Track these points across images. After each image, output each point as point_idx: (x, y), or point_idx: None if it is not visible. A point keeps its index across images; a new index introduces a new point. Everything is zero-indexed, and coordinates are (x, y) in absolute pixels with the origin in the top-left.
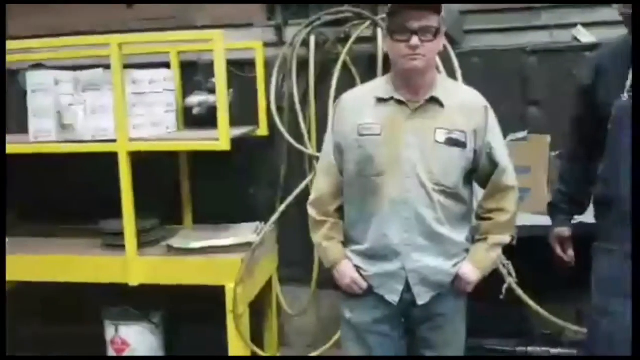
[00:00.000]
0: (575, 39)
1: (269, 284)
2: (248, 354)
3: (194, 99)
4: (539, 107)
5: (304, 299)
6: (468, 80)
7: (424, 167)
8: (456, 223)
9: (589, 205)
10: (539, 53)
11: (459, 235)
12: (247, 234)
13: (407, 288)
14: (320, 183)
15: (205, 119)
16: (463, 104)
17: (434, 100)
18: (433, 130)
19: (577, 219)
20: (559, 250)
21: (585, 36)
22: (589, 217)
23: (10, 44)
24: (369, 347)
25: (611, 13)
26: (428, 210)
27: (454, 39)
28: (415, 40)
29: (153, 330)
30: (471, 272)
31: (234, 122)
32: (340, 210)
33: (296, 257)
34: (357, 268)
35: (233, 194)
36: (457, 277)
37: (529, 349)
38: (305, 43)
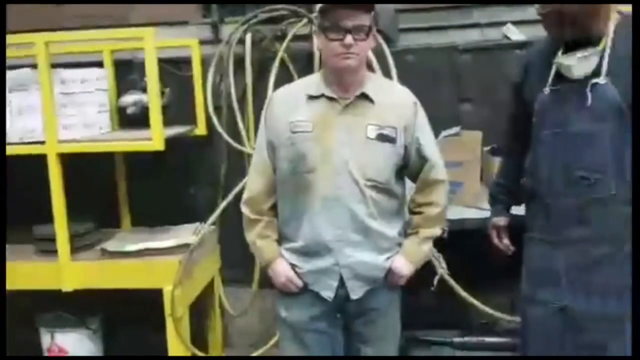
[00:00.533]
0: (506, 36)
1: (210, 285)
2: (188, 354)
3: (129, 99)
4: (472, 103)
5: (246, 299)
6: (403, 78)
7: (355, 163)
8: (389, 218)
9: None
10: (471, 51)
11: (392, 230)
12: (186, 235)
13: (341, 283)
14: (253, 181)
15: (140, 119)
16: (393, 101)
17: (365, 97)
18: (364, 126)
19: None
20: (495, 239)
21: (515, 34)
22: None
23: None
24: (305, 346)
25: None
26: (360, 206)
27: (389, 37)
28: (349, 39)
29: (91, 336)
30: (403, 265)
31: (171, 121)
32: (274, 208)
33: (238, 257)
34: (292, 266)
35: (172, 195)
36: (390, 271)
37: (466, 339)
38: (242, 41)
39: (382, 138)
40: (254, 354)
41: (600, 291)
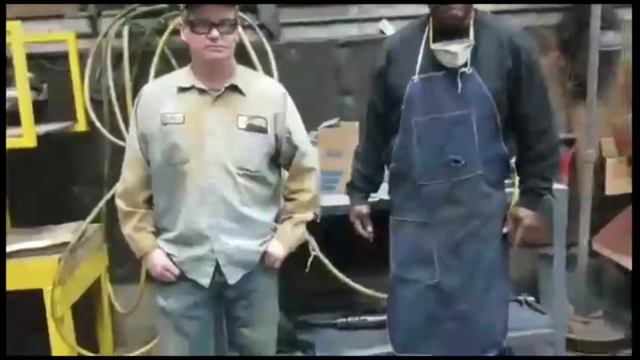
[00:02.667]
0: (381, 31)
1: (97, 283)
2: (73, 354)
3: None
4: (351, 96)
5: (137, 297)
6: (285, 72)
7: (227, 153)
8: (262, 205)
9: (382, 182)
10: (349, 45)
11: (266, 216)
12: (65, 234)
13: (218, 270)
14: (127, 174)
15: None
16: (263, 92)
17: (235, 89)
18: (235, 117)
19: (377, 195)
20: (359, 227)
21: (389, 29)
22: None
23: None
24: (185, 334)
25: (414, 8)
26: (233, 195)
27: (271, 32)
28: (215, 32)
29: None
30: (277, 249)
31: (51, 117)
32: (149, 200)
33: (128, 255)
34: (168, 255)
35: (55, 194)
36: (265, 255)
37: (349, 319)
38: (121, 34)
39: (253, 128)
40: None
41: (469, 266)
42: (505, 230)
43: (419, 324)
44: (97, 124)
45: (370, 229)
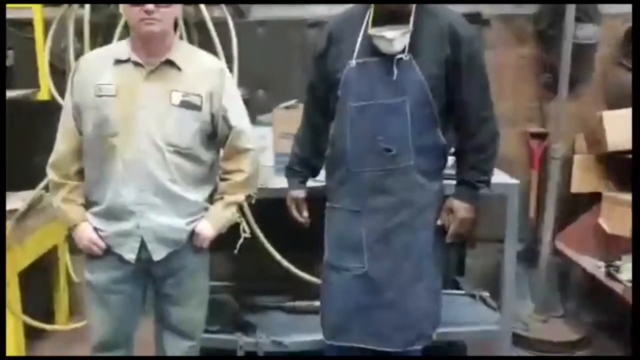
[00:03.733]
0: None
1: (54, 252)
2: (20, 326)
3: None
4: None
5: None
6: (252, 50)
7: (157, 128)
8: (193, 183)
9: (322, 167)
10: (318, 25)
11: (196, 195)
12: (17, 202)
13: (144, 246)
14: (60, 145)
15: None
16: (199, 68)
17: (171, 64)
18: (168, 92)
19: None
20: (294, 212)
21: None
22: None
23: None
24: (109, 308)
25: None
26: (161, 171)
27: (240, 10)
28: (150, 5)
29: None
30: (206, 229)
31: (16, 84)
32: (81, 172)
33: None
34: (96, 229)
35: (16, 162)
36: (194, 234)
37: (296, 303)
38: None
39: (186, 105)
40: None
41: (398, 255)
42: (439, 222)
43: (347, 312)
44: (54, 92)
45: (306, 214)
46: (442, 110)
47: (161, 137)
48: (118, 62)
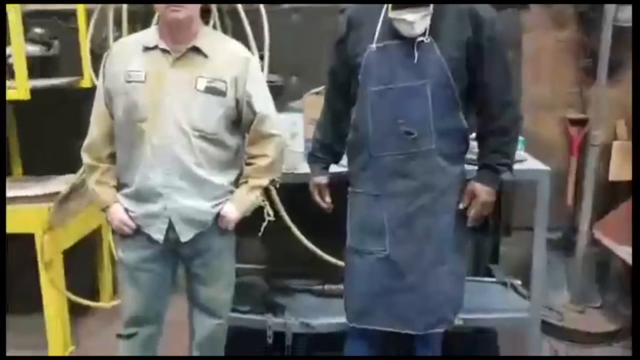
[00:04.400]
0: None
1: (98, 233)
2: (63, 301)
3: (9, 50)
4: None
5: None
6: (286, 38)
7: (184, 113)
8: (218, 167)
9: (344, 153)
10: None
11: (222, 179)
12: (60, 185)
13: (171, 227)
14: (93, 129)
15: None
16: (225, 55)
17: (197, 50)
18: (194, 78)
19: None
20: (317, 198)
21: None
22: None
23: None
24: (139, 285)
25: None
26: (188, 155)
27: None
28: None
29: None
30: (231, 211)
31: (61, 73)
32: (113, 155)
33: None
34: (126, 210)
35: (63, 146)
36: (219, 216)
37: (325, 286)
38: None
39: (211, 91)
40: None
41: (419, 239)
42: (461, 206)
43: (369, 295)
44: (95, 80)
45: (328, 199)
46: (463, 93)
47: (187, 122)
48: (146, 49)
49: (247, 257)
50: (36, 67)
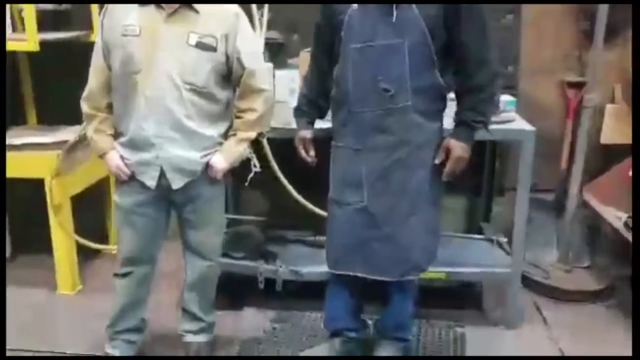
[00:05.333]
0: None
1: (106, 181)
2: (72, 243)
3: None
4: None
5: None
6: None
7: (175, 67)
8: (209, 120)
9: (329, 109)
10: None
11: (211, 131)
12: (69, 134)
13: (163, 175)
14: (91, 80)
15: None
16: (215, 11)
17: (189, 6)
18: (186, 33)
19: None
20: (302, 152)
21: None
22: None
23: None
24: (134, 227)
25: None
26: (178, 107)
27: None
28: None
29: None
30: (219, 162)
31: (73, 27)
32: (110, 106)
33: None
34: (122, 157)
35: (75, 97)
36: (208, 166)
37: (317, 237)
38: None
39: (202, 46)
40: None
41: (395, 192)
42: (437, 161)
43: (348, 244)
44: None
45: (312, 153)
46: (440, 51)
47: (179, 75)
48: (142, 4)
49: (246, 209)
50: (49, 20)
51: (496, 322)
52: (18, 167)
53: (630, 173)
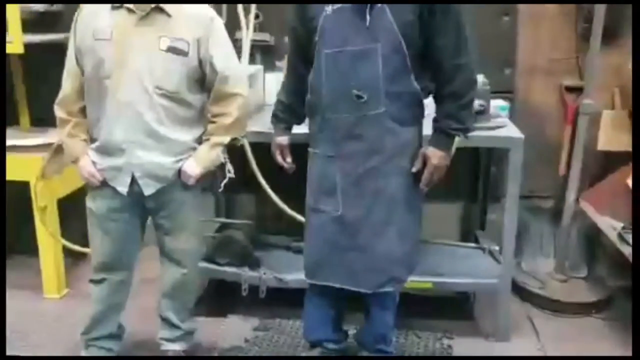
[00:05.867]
0: None
1: None
2: (59, 247)
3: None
4: None
5: None
6: None
7: (146, 72)
8: (181, 124)
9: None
10: None
11: (184, 136)
12: (55, 137)
13: (135, 181)
14: (65, 84)
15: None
16: (189, 15)
17: (160, 10)
18: (157, 38)
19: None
20: (279, 158)
21: None
22: None
23: None
24: (108, 233)
25: None
26: (149, 112)
27: None
28: None
29: None
30: (192, 167)
31: (66, 28)
32: (83, 110)
33: None
34: (94, 163)
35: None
36: (181, 172)
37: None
38: None
39: (173, 50)
40: None
41: (369, 200)
42: (413, 169)
43: (324, 253)
44: None
45: (289, 159)
46: (416, 57)
47: (149, 80)
48: (114, 7)
49: (238, 213)
50: (40, 22)
51: (487, 333)
52: (6, 169)
53: (629, 181)
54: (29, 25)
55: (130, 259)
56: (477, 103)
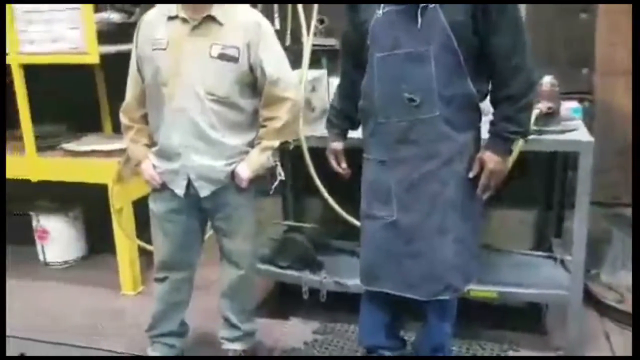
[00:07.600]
0: None
1: None
2: (134, 247)
3: (99, 17)
4: None
5: None
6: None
7: (198, 78)
8: (233, 129)
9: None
10: None
11: (235, 140)
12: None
13: (191, 184)
14: (128, 92)
15: (112, 35)
16: (238, 22)
17: (212, 19)
18: (209, 45)
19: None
20: (334, 164)
21: None
22: None
23: None
24: (168, 234)
25: None
26: (202, 117)
27: None
28: None
29: (71, 222)
30: (243, 170)
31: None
32: (145, 117)
33: None
34: (155, 166)
35: None
36: (233, 174)
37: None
38: None
39: (224, 57)
40: None
41: (425, 205)
42: (470, 175)
43: (379, 259)
44: None
45: (344, 165)
46: (471, 58)
47: (202, 87)
48: (170, 18)
49: (307, 216)
50: (118, 33)
51: (558, 347)
52: (84, 172)
53: None
54: (106, 36)
55: (191, 259)
56: (544, 106)
